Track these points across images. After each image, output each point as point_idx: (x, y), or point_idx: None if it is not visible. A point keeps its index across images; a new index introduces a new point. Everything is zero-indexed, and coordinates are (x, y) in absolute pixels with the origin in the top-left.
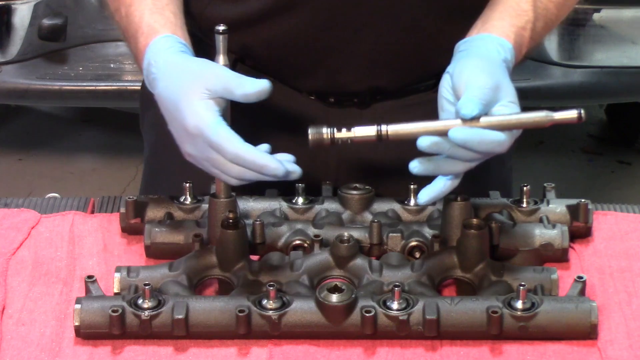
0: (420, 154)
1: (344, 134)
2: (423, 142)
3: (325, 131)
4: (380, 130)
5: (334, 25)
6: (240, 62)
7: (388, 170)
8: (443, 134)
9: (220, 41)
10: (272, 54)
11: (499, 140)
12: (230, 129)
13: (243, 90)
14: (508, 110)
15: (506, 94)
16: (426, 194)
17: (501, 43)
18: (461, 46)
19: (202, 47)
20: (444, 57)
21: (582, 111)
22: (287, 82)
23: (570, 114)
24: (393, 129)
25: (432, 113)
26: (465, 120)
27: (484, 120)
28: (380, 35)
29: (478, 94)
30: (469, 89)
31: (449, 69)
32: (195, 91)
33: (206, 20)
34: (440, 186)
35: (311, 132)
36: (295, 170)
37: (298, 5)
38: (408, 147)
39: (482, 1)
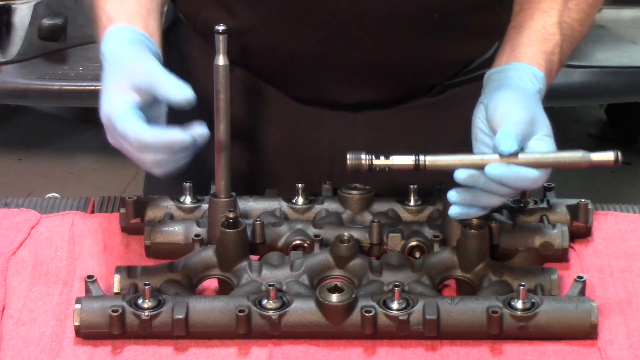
0: (399, 139)
1: (382, 161)
2: (460, 175)
3: (364, 157)
4: (418, 160)
5: (324, 40)
6: (233, 64)
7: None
8: (480, 167)
9: (220, 41)
10: (262, 63)
11: (534, 178)
12: (138, 118)
13: (166, 93)
14: (543, 144)
15: (541, 128)
16: (457, 211)
17: (534, 73)
18: (492, 75)
19: (195, 42)
20: (437, 73)
21: (619, 154)
22: (279, 89)
23: (607, 156)
24: (431, 160)
25: (426, 117)
26: (502, 156)
27: (521, 157)
28: (370, 51)
29: (515, 128)
30: (505, 123)
31: (483, 99)
32: (117, 83)
33: (200, 23)
34: (473, 212)
35: (350, 158)
36: (203, 132)
37: (287, 20)
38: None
39: (473, 18)
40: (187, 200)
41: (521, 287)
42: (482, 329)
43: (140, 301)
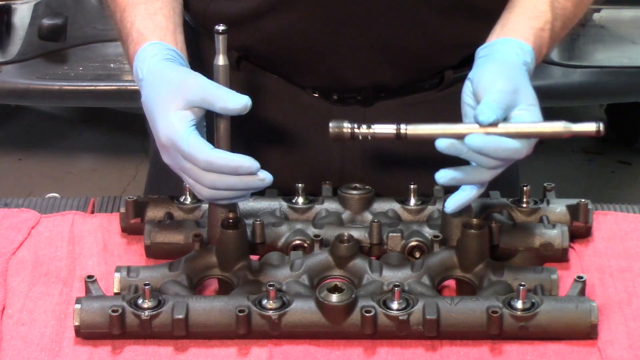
0: (422, 162)
1: (364, 130)
2: (441, 144)
3: (347, 126)
4: (399, 129)
5: (336, 20)
6: (244, 60)
7: (389, 172)
8: (461, 137)
9: (220, 41)
10: (275, 49)
11: (515, 148)
12: (201, 138)
13: (223, 104)
14: (528, 113)
15: (525, 97)
16: (452, 203)
17: (520, 46)
18: (481, 52)
19: (208, 45)
20: (447, 54)
21: (602, 125)
22: (290, 79)
23: (589, 127)
24: (412, 129)
25: (436, 112)
26: (483, 126)
27: (501, 126)
28: (382, 31)
29: (496, 98)
30: (487, 94)
31: (470, 75)
32: (171, 102)
33: (209, 18)
34: (466, 194)
35: (332, 125)
36: (268, 176)
37: (299, 1)
38: (410, 154)
39: (479, 1)
40: (187, 200)
41: (521, 287)
42: (482, 329)
43: (140, 301)
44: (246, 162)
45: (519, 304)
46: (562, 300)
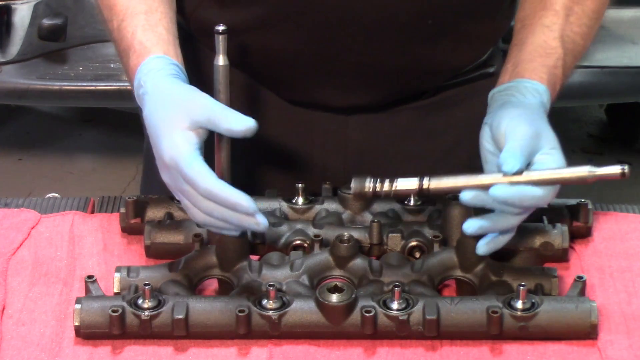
0: (396, 144)
1: (386, 187)
2: (466, 196)
3: (368, 184)
4: (422, 184)
5: (317, 43)
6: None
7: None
8: (485, 188)
9: (220, 41)
10: (254, 63)
11: (539, 196)
12: (205, 164)
13: (228, 125)
14: (550, 158)
15: (547, 141)
16: (487, 247)
17: (535, 87)
18: (495, 95)
19: (193, 44)
20: (428, 80)
21: (627, 167)
22: (272, 90)
23: (614, 170)
24: (435, 183)
25: (418, 119)
26: (506, 175)
27: (525, 175)
28: (364, 56)
29: (518, 145)
30: (509, 141)
31: (487, 119)
32: (177, 121)
33: (194, 23)
34: (500, 239)
35: (354, 183)
36: (264, 221)
37: (280, 21)
38: (388, 157)
39: (469, 25)
40: None
41: (521, 287)
42: (482, 329)
43: (140, 301)
44: (245, 202)
45: (519, 304)
46: (562, 300)
